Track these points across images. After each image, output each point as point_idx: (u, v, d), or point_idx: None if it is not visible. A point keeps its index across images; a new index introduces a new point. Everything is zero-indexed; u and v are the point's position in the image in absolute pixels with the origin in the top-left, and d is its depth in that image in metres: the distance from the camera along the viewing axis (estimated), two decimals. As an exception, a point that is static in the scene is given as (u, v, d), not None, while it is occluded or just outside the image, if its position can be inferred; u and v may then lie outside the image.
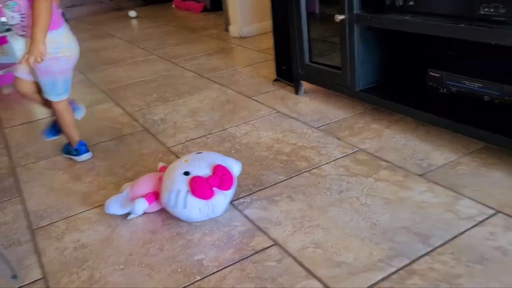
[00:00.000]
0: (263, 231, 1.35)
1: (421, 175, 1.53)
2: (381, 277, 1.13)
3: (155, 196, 1.44)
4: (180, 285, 1.18)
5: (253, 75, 2.82)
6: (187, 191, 1.34)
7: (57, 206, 1.61)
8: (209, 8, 5.25)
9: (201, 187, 1.33)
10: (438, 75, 1.80)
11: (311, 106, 2.21)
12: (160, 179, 1.45)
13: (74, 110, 1.95)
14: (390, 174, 1.56)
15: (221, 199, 1.37)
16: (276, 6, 2.45)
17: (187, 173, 1.38)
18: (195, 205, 1.34)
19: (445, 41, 1.64)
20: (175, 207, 1.36)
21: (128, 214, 1.47)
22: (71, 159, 1.94)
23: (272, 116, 2.16)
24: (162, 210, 1.47)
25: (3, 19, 2.85)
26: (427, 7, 1.63)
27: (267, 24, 3.76)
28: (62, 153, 2.00)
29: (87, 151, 1.93)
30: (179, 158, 1.50)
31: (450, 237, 1.23)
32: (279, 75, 2.59)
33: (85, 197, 1.65)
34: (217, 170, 1.38)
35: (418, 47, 1.94)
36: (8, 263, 1.21)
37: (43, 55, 1.62)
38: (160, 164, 1.62)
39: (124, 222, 1.46)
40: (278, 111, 2.20)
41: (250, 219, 1.41)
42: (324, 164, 1.67)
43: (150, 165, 1.82)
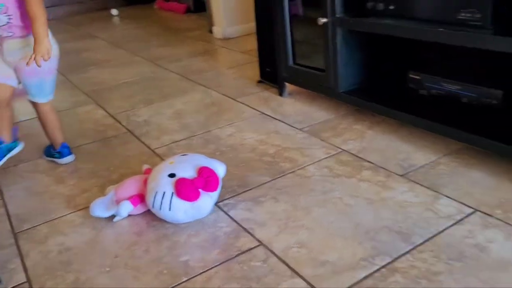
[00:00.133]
0: (248, 232, 1.36)
1: (403, 175, 1.56)
2: (364, 275, 1.16)
3: (140, 198, 1.45)
4: (167, 286, 1.19)
5: (238, 76, 2.84)
6: (172, 193, 1.35)
7: (40, 209, 1.60)
8: (192, 9, 5.24)
9: (186, 189, 1.34)
10: (419, 78, 1.84)
11: (295, 107, 2.24)
12: (145, 182, 1.46)
13: (13, 140, 1.86)
14: (372, 175, 1.59)
15: (207, 200, 1.38)
16: (260, 7, 2.48)
17: (172, 175, 1.39)
18: (180, 207, 1.36)
19: (425, 45, 1.67)
20: (160, 209, 1.37)
21: (113, 216, 1.47)
22: (53, 162, 1.94)
23: (256, 117, 2.18)
24: (147, 212, 1.48)
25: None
26: (407, 12, 1.67)
27: (251, 26, 3.78)
28: (43, 156, 1.98)
29: (70, 153, 1.93)
30: (164, 161, 1.51)
31: (430, 236, 1.27)
32: (263, 76, 2.61)
33: (68, 200, 1.64)
34: (203, 172, 1.39)
35: (399, 50, 1.98)
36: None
37: (49, 51, 1.60)
38: (145, 167, 1.62)
39: (109, 224, 1.47)
40: (262, 113, 2.22)
41: (235, 220, 1.42)
42: (308, 165, 1.70)
43: (135, 167, 1.82)
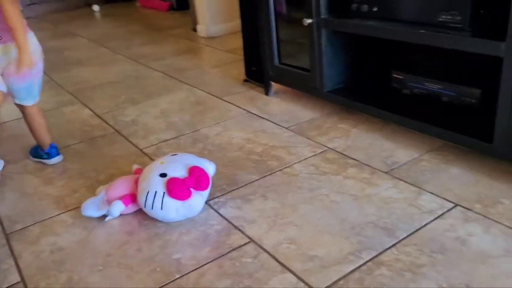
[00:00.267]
0: (239, 229, 1.40)
1: (387, 172, 1.62)
2: (351, 269, 1.20)
3: (131, 198, 1.48)
4: (160, 284, 1.22)
5: (223, 75, 2.87)
6: (164, 192, 1.38)
7: (30, 210, 1.61)
8: (175, 7, 5.24)
9: (178, 188, 1.37)
10: (401, 77, 1.89)
11: (281, 106, 2.28)
12: (136, 181, 1.48)
13: None
14: (357, 172, 1.64)
15: (198, 199, 1.41)
16: (245, 6, 2.50)
17: (163, 175, 1.41)
18: (172, 206, 1.39)
19: (408, 46, 1.73)
20: (152, 208, 1.39)
21: (104, 216, 1.49)
22: (41, 163, 1.94)
23: (243, 116, 2.21)
24: (139, 212, 1.50)
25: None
26: (390, 14, 1.72)
27: (235, 24, 3.81)
28: (30, 157, 1.98)
29: (58, 154, 1.93)
30: (155, 160, 1.54)
31: (414, 230, 1.32)
32: (249, 75, 2.64)
33: (58, 201, 1.66)
34: (193, 171, 1.42)
35: (382, 50, 2.03)
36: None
37: (32, 60, 1.61)
38: (135, 167, 1.65)
39: (101, 224, 1.49)
40: (248, 112, 2.25)
41: (225, 218, 1.46)
42: (295, 163, 1.74)
43: (123, 167, 1.84)
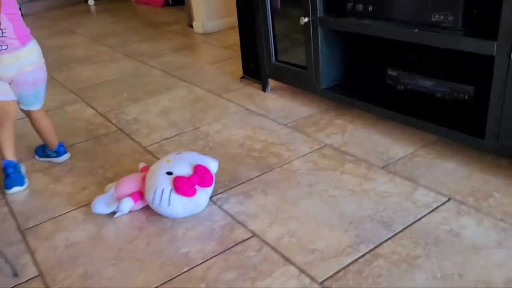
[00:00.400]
0: (242, 224, 1.47)
1: (383, 167, 1.69)
2: (350, 261, 1.27)
3: (139, 195, 1.54)
4: (170, 276, 1.29)
5: (220, 72, 2.92)
6: (171, 189, 1.45)
7: (42, 207, 1.68)
8: (170, 3, 5.28)
9: (184, 186, 1.44)
10: (396, 74, 1.96)
11: (278, 103, 2.34)
12: (143, 179, 1.55)
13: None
14: (354, 167, 1.70)
15: (202, 196, 1.48)
16: (242, 3, 2.54)
17: (170, 173, 1.48)
18: (178, 203, 1.45)
19: (402, 44, 1.79)
20: (160, 205, 1.46)
21: (114, 213, 1.56)
22: (49, 162, 1.99)
23: (241, 113, 2.27)
24: (146, 208, 1.57)
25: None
26: (385, 13, 1.78)
27: (231, 20, 3.86)
28: (36, 157, 2.03)
29: (65, 152, 1.99)
30: (161, 159, 1.60)
31: (409, 223, 1.39)
32: (246, 72, 2.70)
33: (69, 198, 1.72)
34: (198, 169, 1.49)
35: (377, 48, 2.09)
36: (10, 262, 1.28)
37: None
38: (141, 165, 1.71)
39: (110, 220, 1.55)
40: (247, 109, 2.32)
41: (229, 213, 1.53)
42: (294, 159, 1.81)
43: (129, 165, 1.90)
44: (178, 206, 1.46)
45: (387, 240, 1.33)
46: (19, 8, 1.74)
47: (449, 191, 1.52)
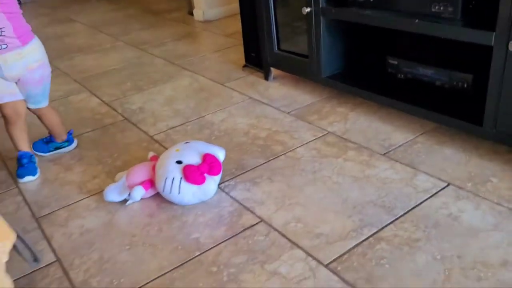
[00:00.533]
0: (250, 210, 1.53)
1: (384, 154, 1.74)
2: (354, 244, 1.34)
3: (150, 183, 1.60)
4: (183, 260, 1.35)
5: (222, 61, 2.96)
6: (181, 178, 1.50)
7: (55, 196, 1.73)
8: (170, -10, 5.27)
9: (193, 174, 1.49)
10: (396, 63, 2.01)
11: (281, 91, 2.39)
12: (154, 168, 1.60)
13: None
14: (356, 155, 1.76)
15: (211, 183, 1.54)
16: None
17: (179, 162, 1.53)
18: (188, 190, 1.51)
19: (403, 33, 1.83)
20: (171, 193, 1.52)
21: (125, 200, 1.62)
22: (57, 153, 2.03)
23: (245, 102, 2.32)
24: (156, 196, 1.63)
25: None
26: (386, 3, 1.82)
27: (231, 7, 3.89)
28: (43, 154, 2.01)
29: (73, 140, 2.05)
30: (170, 148, 1.65)
31: (410, 208, 1.45)
32: (248, 61, 2.74)
33: (80, 186, 1.77)
34: (207, 158, 1.54)
35: (378, 37, 2.13)
36: (30, 248, 1.33)
37: None
38: (151, 154, 1.76)
39: (122, 208, 1.61)
40: (250, 97, 2.36)
41: (236, 200, 1.58)
42: (298, 147, 1.86)
43: (137, 153, 1.95)
44: (188, 193, 1.51)
45: (389, 224, 1.40)
46: (19, 3, 1.72)
47: (448, 177, 1.58)
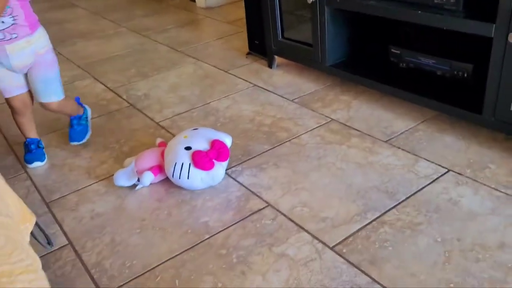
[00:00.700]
0: (257, 195, 1.58)
1: (386, 141, 1.79)
2: (358, 227, 1.39)
3: (159, 169, 1.64)
4: (193, 243, 1.40)
5: (226, 48, 2.99)
6: (190, 163, 1.55)
7: (64, 181, 1.78)
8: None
9: (202, 160, 1.54)
10: (398, 52, 2.04)
11: (284, 79, 2.42)
12: (162, 154, 1.65)
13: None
14: (360, 142, 1.81)
15: (220, 169, 1.58)
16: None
17: (188, 148, 1.58)
18: (197, 176, 1.55)
19: (405, 23, 1.86)
20: (180, 178, 1.56)
21: (134, 185, 1.66)
22: (65, 138, 2.06)
23: (249, 89, 2.36)
24: (164, 181, 1.67)
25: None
26: (389, -6, 1.85)
27: (234, -6, 3.89)
28: (87, 132, 2.02)
29: (83, 104, 2.09)
30: (178, 134, 1.69)
31: (412, 193, 1.50)
32: (252, 48, 2.77)
33: (88, 172, 1.81)
34: (215, 144, 1.59)
35: (381, 27, 2.16)
36: (44, 231, 1.38)
37: None
38: (159, 140, 1.80)
39: (131, 192, 1.66)
40: (254, 85, 2.40)
41: (243, 185, 1.63)
42: (302, 134, 1.90)
43: (143, 139, 1.99)
44: (196, 179, 1.56)
45: (391, 208, 1.45)
46: None
47: (448, 163, 1.63)
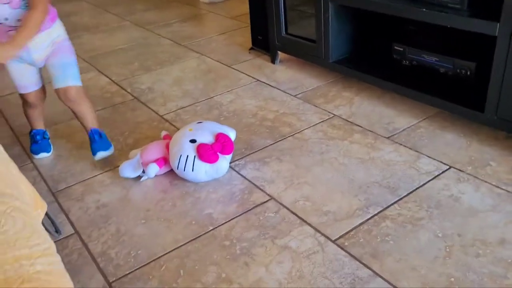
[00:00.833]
0: (260, 188, 1.60)
1: (388, 138, 1.81)
2: (360, 221, 1.41)
3: (164, 161, 1.66)
4: (197, 234, 1.42)
5: (229, 43, 3.00)
6: (194, 156, 1.57)
7: (70, 171, 1.80)
8: (174, -30, 5.27)
9: (207, 153, 1.56)
10: (402, 49, 2.06)
11: (287, 74, 2.44)
12: (167, 146, 1.67)
13: None
14: (362, 137, 1.83)
15: (224, 162, 1.60)
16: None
17: (193, 141, 1.60)
18: (202, 168, 1.57)
19: (409, 20, 1.88)
20: (184, 170, 1.58)
21: (139, 177, 1.68)
22: (70, 130, 2.09)
23: (252, 84, 2.37)
24: (169, 173, 1.69)
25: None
26: (394, -9, 1.86)
27: (238, -10, 3.89)
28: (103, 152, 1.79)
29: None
30: (183, 128, 1.71)
31: (413, 189, 1.52)
32: (255, 44, 2.78)
33: (93, 163, 1.83)
34: (219, 137, 1.61)
35: (385, 24, 2.18)
36: (52, 220, 1.40)
37: (8, 58, 1.56)
38: (163, 133, 1.82)
39: (136, 183, 1.68)
40: (257, 80, 2.42)
41: (247, 178, 1.65)
42: (305, 129, 1.92)
43: (148, 132, 2.01)
44: (201, 171, 1.58)
45: (393, 203, 1.47)
46: None
47: (449, 160, 1.65)
